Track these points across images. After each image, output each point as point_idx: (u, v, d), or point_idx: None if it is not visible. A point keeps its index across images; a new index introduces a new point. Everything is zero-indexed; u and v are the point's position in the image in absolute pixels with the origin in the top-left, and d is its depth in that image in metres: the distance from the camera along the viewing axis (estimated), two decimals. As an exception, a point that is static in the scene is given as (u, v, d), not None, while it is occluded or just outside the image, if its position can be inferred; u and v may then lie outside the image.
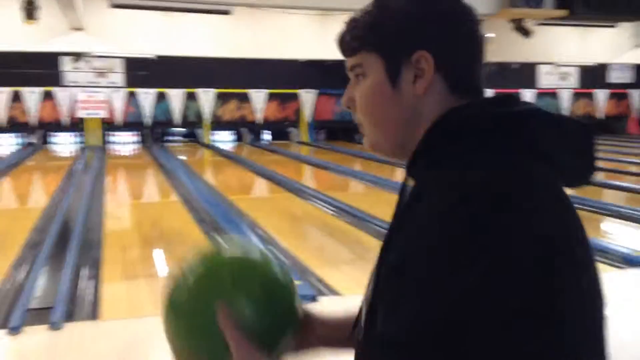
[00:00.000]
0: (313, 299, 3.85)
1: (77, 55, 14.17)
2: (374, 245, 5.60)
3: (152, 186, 10.00)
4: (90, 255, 5.03)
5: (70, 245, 5.22)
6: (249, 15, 11.79)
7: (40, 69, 14.52)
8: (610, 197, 7.98)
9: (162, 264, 4.88)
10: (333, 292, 4.12)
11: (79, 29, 13.30)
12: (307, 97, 16.88)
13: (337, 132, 17.90)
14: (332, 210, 7.34)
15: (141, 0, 7.52)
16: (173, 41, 14.41)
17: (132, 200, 8.42)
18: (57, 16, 10.51)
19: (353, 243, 5.72)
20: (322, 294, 4.03)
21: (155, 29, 14.19)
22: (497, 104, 0.81)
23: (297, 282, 3.30)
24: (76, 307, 3.86)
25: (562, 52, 17.12)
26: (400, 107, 0.84)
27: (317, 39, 15.07)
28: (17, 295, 3.99)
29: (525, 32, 10.66)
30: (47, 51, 13.78)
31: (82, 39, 13.63)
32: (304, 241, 5.91)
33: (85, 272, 4.58)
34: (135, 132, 16.25)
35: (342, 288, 4.19)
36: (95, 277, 4.45)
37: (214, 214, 6.62)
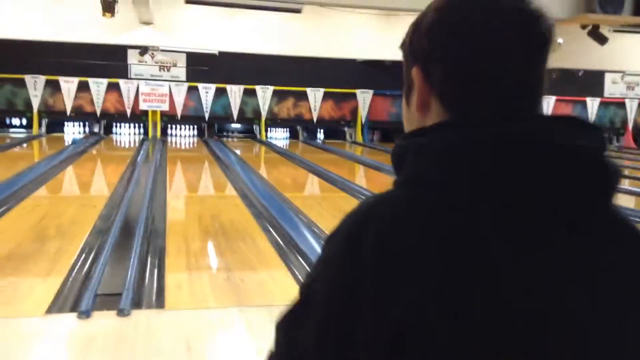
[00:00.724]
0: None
1: (143, 49, 14.59)
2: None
3: (210, 179, 10.21)
4: (155, 244, 5.19)
5: (135, 233, 5.40)
6: (311, 13, 11.86)
7: (108, 60, 15.03)
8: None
9: (222, 257, 4.98)
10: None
11: (148, 23, 13.70)
12: (363, 97, 16.86)
13: (391, 133, 17.83)
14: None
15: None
16: (235, 38, 14.64)
17: (191, 193, 8.62)
18: (129, 10, 10.85)
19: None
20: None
21: (218, 25, 14.44)
22: (479, 125, 0.69)
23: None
24: (143, 294, 4.00)
25: (632, 61, 16.51)
26: (412, 125, 0.82)
27: (377, 39, 15.03)
28: (86, 281, 4.16)
29: (600, 39, 10.29)
30: (116, 44, 14.26)
31: (150, 33, 14.03)
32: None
33: (150, 260, 4.73)
34: (194, 126, 16.63)
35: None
36: (160, 266, 4.59)
37: (271, 210, 6.72)
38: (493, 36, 0.72)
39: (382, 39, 15.01)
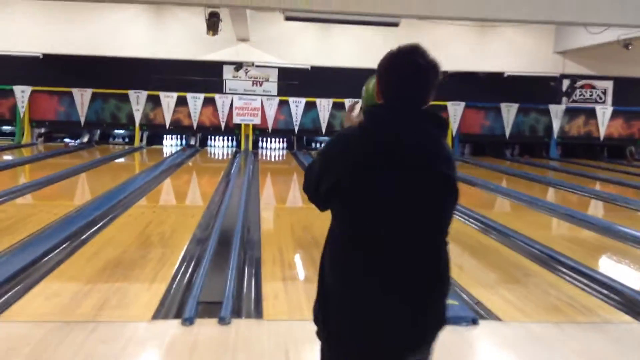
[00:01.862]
0: (473, 321, 3.77)
1: (239, 65, 15.10)
2: (527, 266, 5.36)
3: (300, 191, 10.36)
4: (252, 254, 5.32)
5: (232, 243, 5.56)
6: (404, 26, 11.84)
7: (205, 76, 15.67)
8: None
9: (316, 268, 5.02)
10: (492, 316, 4.00)
11: (245, 40, 14.21)
12: (455, 109, 16.56)
13: (484, 146, 17.40)
14: (479, 227, 7.15)
15: (313, 14, 7.82)
16: (327, 53, 14.88)
17: (282, 204, 8.77)
18: (227, 28, 11.30)
19: (505, 263, 5.52)
20: (481, 317, 3.93)
21: (312, 41, 14.76)
22: (376, 111, 1.84)
23: (454, 303, 3.24)
24: (242, 303, 4.10)
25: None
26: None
27: (471, 51, 14.78)
28: (188, 288, 4.31)
29: None
30: (213, 60, 14.87)
31: (246, 50, 14.54)
32: (455, 259, 5.78)
33: (247, 270, 4.85)
34: (284, 139, 16.97)
35: (501, 312, 4.06)
36: (257, 275, 4.70)
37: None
38: (402, 73, 1.80)
39: (476, 51, 14.75)
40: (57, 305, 3.90)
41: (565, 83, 15.54)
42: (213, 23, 10.19)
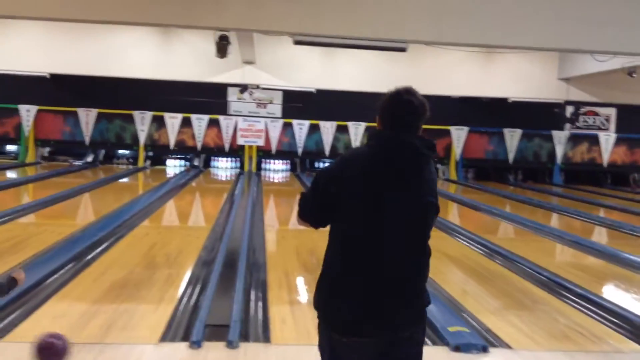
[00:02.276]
0: (484, 349, 3.74)
1: (244, 87, 15.20)
2: (535, 292, 5.33)
3: (305, 214, 10.34)
4: (257, 277, 5.29)
5: (238, 266, 5.54)
6: (408, 51, 11.92)
7: (210, 98, 15.78)
8: None
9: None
10: (502, 344, 3.96)
11: (250, 62, 14.32)
12: (458, 134, 16.61)
13: (487, 171, 17.42)
14: (484, 251, 7.12)
15: (322, 38, 7.90)
16: (331, 76, 14.99)
17: (287, 226, 8.75)
18: (233, 50, 11.40)
19: (512, 289, 5.48)
20: (491, 344, 3.90)
21: (316, 64, 14.88)
22: (380, 133, 2.14)
23: (465, 330, 3.21)
24: (249, 327, 4.07)
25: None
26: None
27: (476, 76, 14.88)
28: (195, 311, 4.28)
29: None
30: (218, 82, 14.98)
31: (251, 72, 14.66)
32: (463, 284, 5.76)
33: (254, 293, 4.82)
34: (287, 160, 17.01)
35: (511, 340, 4.02)
36: (264, 299, 4.67)
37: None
38: (397, 109, 2.12)
39: (480, 77, 14.85)
40: (63, 326, 3.87)
41: (569, 109, 15.61)
42: (223, 46, 10.28)
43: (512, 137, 16.71)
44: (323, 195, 2.10)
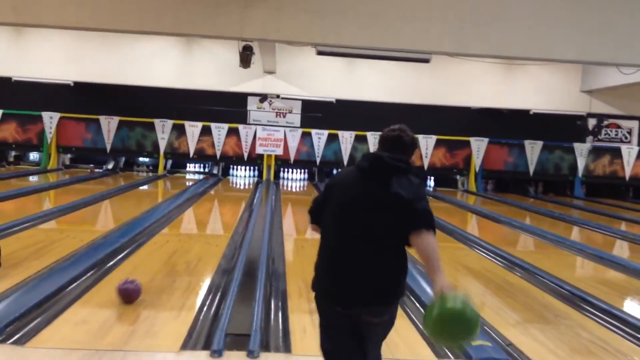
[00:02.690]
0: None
1: (263, 96, 15.29)
2: (557, 306, 5.26)
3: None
4: (277, 286, 5.29)
5: (258, 275, 5.54)
6: (431, 62, 11.90)
7: (230, 107, 15.89)
8: None
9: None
10: (525, 358, 3.91)
11: (271, 72, 14.42)
12: (478, 145, 16.52)
13: (507, 183, 17.28)
14: (504, 264, 7.05)
15: (345, 49, 7.94)
16: (351, 86, 15.02)
17: (305, 235, 8.74)
18: (255, 60, 11.49)
19: (534, 302, 5.41)
20: (514, 358, 3.85)
21: (336, 74, 14.92)
22: (373, 154, 2.68)
23: (487, 344, 3.17)
24: (269, 336, 4.06)
25: None
26: None
27: (497, 88, 14.81)
28: (216, 319, 4.29)
29: None
30: (239, 91, 15.09)
31: (271, 82, 14.75)
32: (483, 297, 5.70)
33: (274, 302, 4.82)
34: (305, 170, 17.05)
35: (534, 355, 3.97)
36: (284, 308, 4.66)
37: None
38: (388, 139, 2.69)
39: (502, 88, 14.78)
40: (86, 332, 3.90)
41: (591, 122, 15.46)
42: (246, 56, 10.35)
43: (533, 149, 16.57)
44: (322, 199, 2.76)
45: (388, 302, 2.62)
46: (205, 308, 4.57)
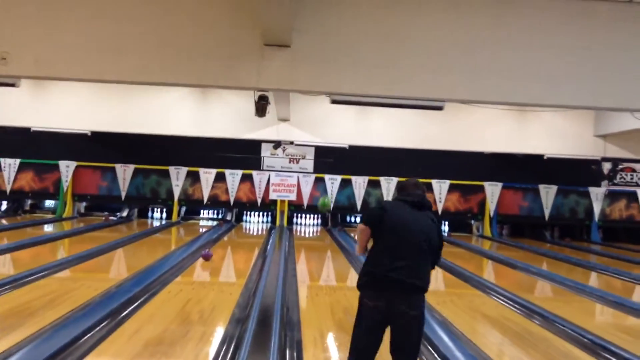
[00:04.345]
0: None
1: (277, 143, 15.45)
2: (579, 356, 5.13)
3: (337, 270, 10.25)
4: (292, 336, 5.22)
5: (272, 324, 5.48)
6: (444, 108, 12.00)
7: (244, 153, 16.06)
8: None
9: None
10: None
11: (285, 120, 14.62)
12: (492, 190, 16.47)
13: (523, 227, 17.14)
14: (523, 312, 6.91)
15: (359, 97, 8.05)
16: (363, 132, 15.14)
17: (320, 283, 8.67)
18: (270, 108, 11.66)
19: (555, 352, 5.28)
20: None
21: (349, 120, 15.08)
22: (399, 194, 3.93)
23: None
24: (285, 389, 3.99)
25: None
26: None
27: (510, 133, 14.85)
28: (230, 370, 4.23)
29: None
30: (253, 138, 15.26)
31: (285, 129, 14.92)
32: (501, 346, 5.58)
33: (289, 353, 4.75)
34: (318, 215, 17.05)
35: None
36: (299, 359, 4.58)
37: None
38: (408, 185, 3.91)
39: (515, 133, 14.82)
40: (99, 385, 3.86)
41: (606, 166, 15.40)
42: (262, 105, 10.50)
43: (548, 194, 16.48)
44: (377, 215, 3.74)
45: (424, 292, 3.61)
46: (219, 359, 4.51)
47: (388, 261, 3.54)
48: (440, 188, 16.37)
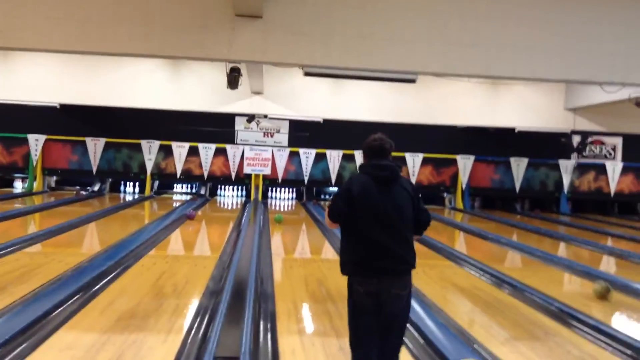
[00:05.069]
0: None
1: (251, 117, 15.32)
2: (546, 323, 5.27)
3: (311, 242, 10.30)
4: (266, 307, 5.25)
5: (246, 296, 5.50)
6: (417, 82, 12.01)
7: (217, 127, 15.90)
8: None
9: (332, 324, 4.93)
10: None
11: (258, 93, 14.48)
12: (464, 163, 16.64)
13: (494, 200, 17.40)
14: (493, 281, 7.06)
15: (332, 70, 7.99)
16: (338, 106, 15.09)
17: (295, 256, 8.71)
18: (242, 81, 11.51)
19: (523, 319, 5.41)
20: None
21: (323, 94, 15.00)
22: (367, 164, 3.47)
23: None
24: (259, 358, 4.02)
25: None
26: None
27: (481, 106, 14.95)
28: (204, 342, 4.25)
29: None
30: (226, 112, 15.11)
31: (259, 102, 14.79)
32: (472, 314, 5.70)
33: (263, 324, 4.78)
34: (293, 189, 17.07)
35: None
36: (273, 330, 4.62)
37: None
38: (373, 147, 3.45)
39: (487, 107, 14.92)
40: (71, 358, 3.84)
41: (576, 139, 15.65)
42: (234, 78, 10.34)
43: (519, 166, 16.72)
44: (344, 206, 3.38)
45: (412, 269, 3.40)
46: (193, 331, 4.52)
47: (366, 252, 3.27)
48: (413, 161, 16.48)
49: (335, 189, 17.41)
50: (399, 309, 3.32)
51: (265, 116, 15.54)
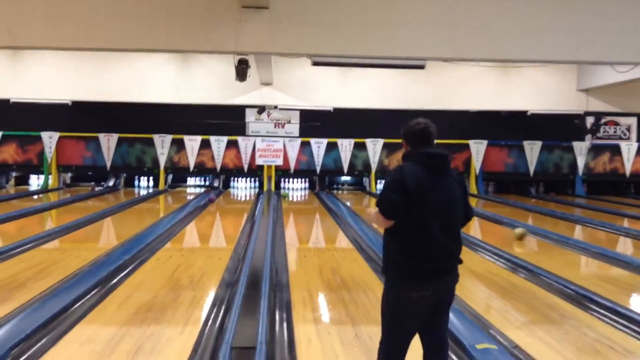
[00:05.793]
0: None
1: (261, 108, 15.34)
2: (562, 306, 5.25)
3: (325, 232, 10.32)
4: (281, 297, 5.29)
5: (262, 286, 5.54)
6: (427, 67, 11.95)
7: (228, 119, 15.95)
8: None
9: (348, 312, 4.96)
10: (533, 360, 3.91)
11: (268, 84, 14.50)
12: (477, 148, 16.55)
13: (508, 184, 17.30)
14: (508, 265, 7.04)
15: (340, 58, 7.98)
16: (348, 94, 15.07)
17: (309, 245, 8.74)
18: (251, 72, 11.53)
19: (539, 303, 5.40)
20: (521, 361, 3.85)
21: (333, 83, 14.97)
22: (416, 152, 3.11)
23: (493, 347, 3.15)
24: (275, 348, 4.06)
25: None
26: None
27: (494, 90, 14.85)
28: (221, 333, 4.29)
29: None
30: (237, 104, 15.15)
31: (268, 93, 14.81)
32: (488, 300, 5.69)
33: (278, 313, 4.82)
34: (306, 179, 17.10)
35: (541, 357, 3.96)
36: (289, 319, 4.66)
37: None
38: (417, 132, 3.15)
39: (498, 90, 14.81)
40: (91, 351, 3.90)
41: (589, 120, 15.50)
42: (242, 70, 10.37)
43: (532, 150, 16.60)
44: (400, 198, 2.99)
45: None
46: (210, 322, 4.57)
47: (426, 253, 2.93)
48: (426, 148, 16.42)
49: (348, 178, 17.50)
50: (451, 297, 3.14)
51: (276, 107, 15.56)
